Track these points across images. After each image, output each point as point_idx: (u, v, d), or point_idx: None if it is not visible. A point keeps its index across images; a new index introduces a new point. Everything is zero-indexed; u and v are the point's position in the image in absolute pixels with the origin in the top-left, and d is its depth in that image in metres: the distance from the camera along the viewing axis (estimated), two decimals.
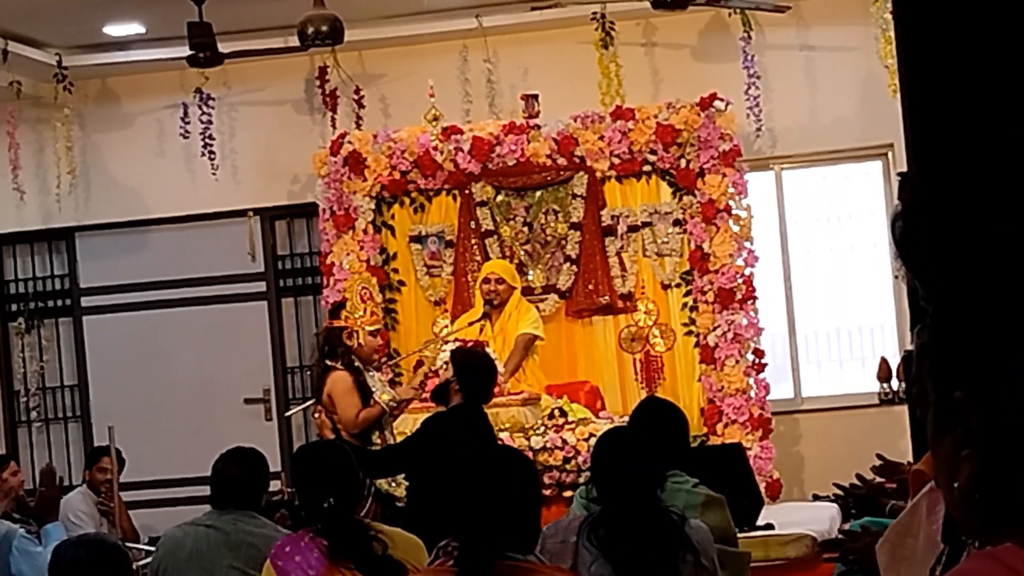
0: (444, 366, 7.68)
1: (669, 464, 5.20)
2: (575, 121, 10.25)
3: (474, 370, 7.45)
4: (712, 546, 4.73)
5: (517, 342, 9.32)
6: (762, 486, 9.27)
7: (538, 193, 10.34)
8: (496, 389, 8.61)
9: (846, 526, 5.53)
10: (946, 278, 1.37)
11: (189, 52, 9.85)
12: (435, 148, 10.31)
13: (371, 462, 7.68)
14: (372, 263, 10.38)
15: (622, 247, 10.28)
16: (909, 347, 2.29)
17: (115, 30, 10.84)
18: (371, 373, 8.22)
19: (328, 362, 8.10)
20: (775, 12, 9.95)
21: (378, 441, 8.11)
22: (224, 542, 5.48)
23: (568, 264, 10.27)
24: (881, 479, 5.13)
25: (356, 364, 8.06)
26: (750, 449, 9.65)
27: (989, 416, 1.35)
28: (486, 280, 9.53)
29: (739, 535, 7.41)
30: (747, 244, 10.16)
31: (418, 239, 10.51)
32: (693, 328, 10.20)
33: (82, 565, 4.56)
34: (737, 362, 10.01)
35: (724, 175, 10.10)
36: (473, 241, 10.37)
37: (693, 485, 5.40)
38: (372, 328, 8.29)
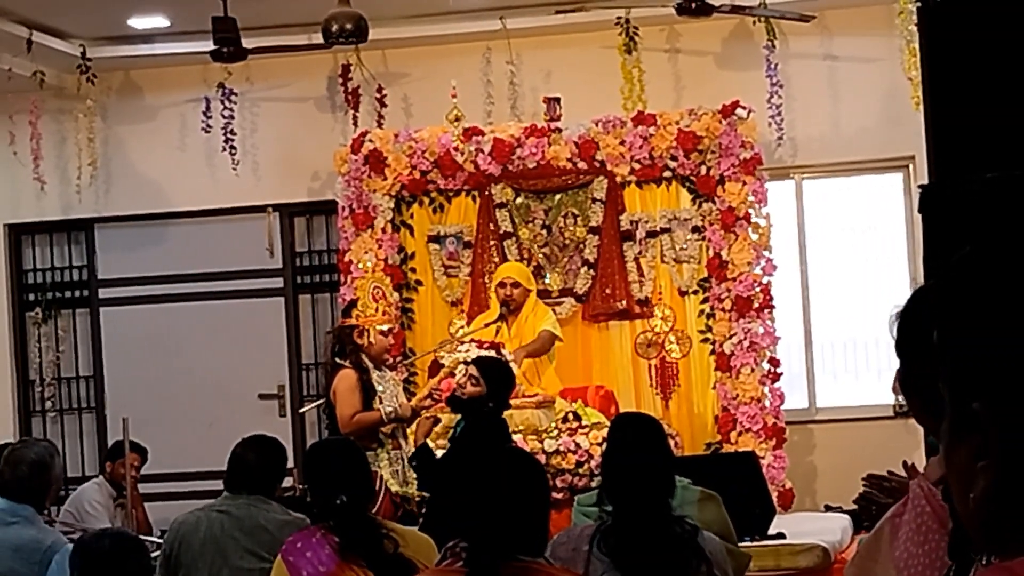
0: (463, 370, 7.64)
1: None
2: (596, 125, 10.25)
3: (505, 382, 7.51)
4: (725, 558, 4.69)
5: (541, 335, 9.30)
6: (774, 495, 9.25)
7: (557, 196, 10.35)
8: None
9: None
10: (965, 285, 1.37)
11: (213, 47, 9.86)
12: (456, 149, 10.31)
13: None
14: (390, 262, 10.39)
15: (640, 252, 10.27)
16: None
17: (139, 23, 10.87)
18: (384, 373, 8.21)
19: (338, 360, 8.11)
20: (800, 21, 9.94)
21: (389, 444, 8.09)
22: (238, 527, 5.60)
23: (586, 268, 10.26)
24: (889, 499, 5.08)
25: (364, 364, 8.05)
26: (763, 458, 9.64)
27: (1007, 427, 1.34)
28: (501, 284, 9.50)
29: (750, 544, 7.43)
30: (765, 253, 10.14)
31: (436, 239, 10.51)
32: (709, 335, 10.18)
33: (105, 556, 4.62)
34: (752, 370, 10.00)
35: (744, 183, 10.09)
36: (491, 243, 10.37)
37: (687, 484, 5.42)
38: (383, 327, 8.27)
